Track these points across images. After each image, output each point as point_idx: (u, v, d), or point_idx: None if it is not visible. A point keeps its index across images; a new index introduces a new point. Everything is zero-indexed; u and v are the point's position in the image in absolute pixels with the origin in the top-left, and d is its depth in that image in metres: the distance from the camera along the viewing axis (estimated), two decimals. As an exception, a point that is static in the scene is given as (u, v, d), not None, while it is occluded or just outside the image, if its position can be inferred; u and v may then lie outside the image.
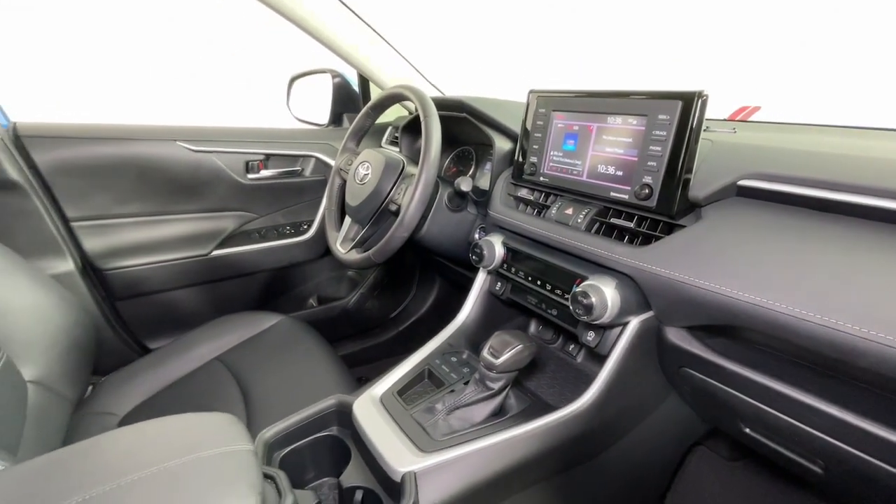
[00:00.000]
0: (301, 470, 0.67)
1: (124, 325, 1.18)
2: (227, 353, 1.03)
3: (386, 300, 1.58)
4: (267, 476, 0.57)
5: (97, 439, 0.56)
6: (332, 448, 0.69)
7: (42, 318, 0.84)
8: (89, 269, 1.11)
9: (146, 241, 1.17)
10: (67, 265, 1.05)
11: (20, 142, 1.00)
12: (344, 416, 0.70)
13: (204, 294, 1.29)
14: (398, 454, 0.60)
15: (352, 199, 0.95)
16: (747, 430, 0.66)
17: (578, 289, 0.65)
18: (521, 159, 0.85)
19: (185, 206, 1.21)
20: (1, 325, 0.77)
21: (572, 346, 0.87)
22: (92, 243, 1.11)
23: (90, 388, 0.98)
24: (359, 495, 0.62)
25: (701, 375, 0.63)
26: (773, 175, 0.55)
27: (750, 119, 1.31)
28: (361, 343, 1.52)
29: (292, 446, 0.66)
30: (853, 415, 0.49)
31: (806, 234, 0.51)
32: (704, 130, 0.76)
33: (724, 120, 0.97)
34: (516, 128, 0.89)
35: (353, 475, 0.64)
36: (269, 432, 0.64)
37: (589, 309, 0.62)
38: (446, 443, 0.62)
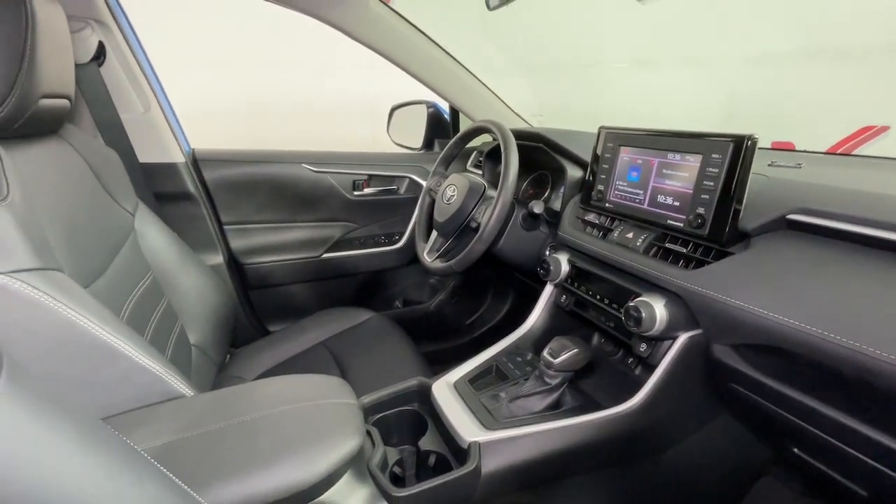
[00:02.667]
0: (388, 434, 0.82)
1: (253, 310, 1.46)
2: (329, 339, 1.23)
3: (463, 307, 1.72)
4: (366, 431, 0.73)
5: (248, 385, 0.76)
6: (412, 420, 0.84)
7: (202, 299, 1.10)
8: (233, 263, 1.39)
9: (274, 243, 1.44)
10: (219, 259, 1.34)
11: (196, 163, 1.31)
12: (423, 395, 0.85)
13: (313, 289, 1.53)
14: (467, 428, 0.73)
15: (439, 216, 1.10)
16: (795, 450, 0.69)
17: (631, 303, 0.73)
18: (590, 182, 0.95)
19: (305, 216, 1.46)
20: (180, 300, 1.03)
21: (631, 360, 0.93)
22: (236, 243, 1.39)
23: (228, 356, 1.24)
24: (432, 458, 0.76)
25: (747, 392, 0.68)
26: (817, 211, 0.60)
27: (855, 150, 1.23)
28: (438, 344, 1.67)
29: (382, 414, 0.82)
30: (891, 438, 0.53)
31: (846, 266, 0.56)
32: (769, 165, 0.81)
33: (798, 152, 0.98)
34: (587, 157, 0.99)
35: (429, 442, 0.79)
36: (367, 399, 0.80)
37: (639, 321, 0.71)
38: (507, 424, 0.74)
